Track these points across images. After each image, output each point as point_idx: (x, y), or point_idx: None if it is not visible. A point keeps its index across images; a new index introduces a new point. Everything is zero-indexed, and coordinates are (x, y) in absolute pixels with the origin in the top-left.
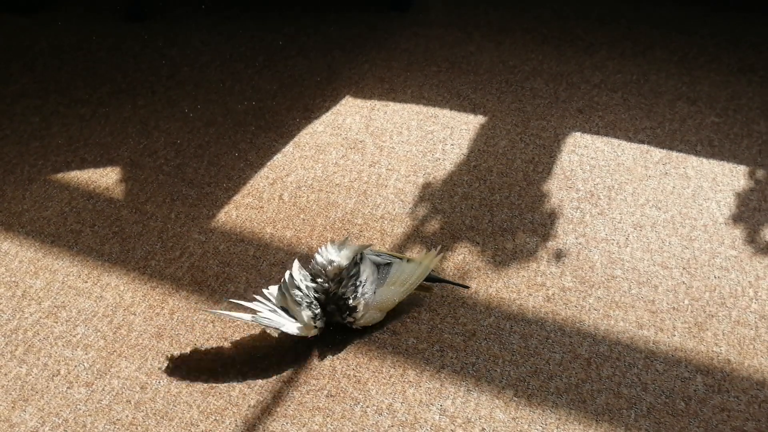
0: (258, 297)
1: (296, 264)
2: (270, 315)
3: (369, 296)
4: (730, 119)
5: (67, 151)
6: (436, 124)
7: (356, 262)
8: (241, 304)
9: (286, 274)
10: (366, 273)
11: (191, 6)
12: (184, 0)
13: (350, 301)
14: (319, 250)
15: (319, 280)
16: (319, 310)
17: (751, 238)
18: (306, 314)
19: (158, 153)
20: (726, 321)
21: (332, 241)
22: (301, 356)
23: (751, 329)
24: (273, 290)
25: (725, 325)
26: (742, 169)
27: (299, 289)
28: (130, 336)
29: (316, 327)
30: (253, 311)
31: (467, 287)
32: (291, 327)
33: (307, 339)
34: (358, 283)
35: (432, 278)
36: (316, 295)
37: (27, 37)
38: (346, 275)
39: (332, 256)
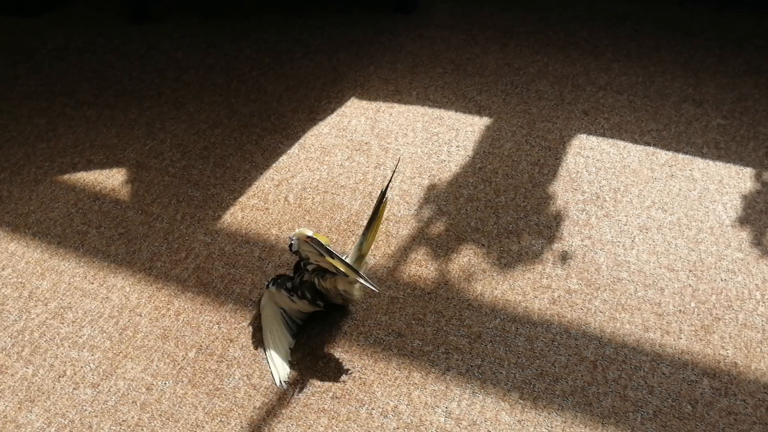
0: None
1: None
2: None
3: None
4: (736, 121)
5: (74, 153)
6: (441, 126)
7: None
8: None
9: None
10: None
11: (197, 8)
12: (190, 2)
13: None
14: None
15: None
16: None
17: (758, 241)
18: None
19: (164, 154)
20: (733, 324)
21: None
22: (307, 358)
23: (758, 332)
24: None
25: (732, 328)
26: (748, 172)
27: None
28: (136, 337)
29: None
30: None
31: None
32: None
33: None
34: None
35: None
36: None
37: (33, 40)
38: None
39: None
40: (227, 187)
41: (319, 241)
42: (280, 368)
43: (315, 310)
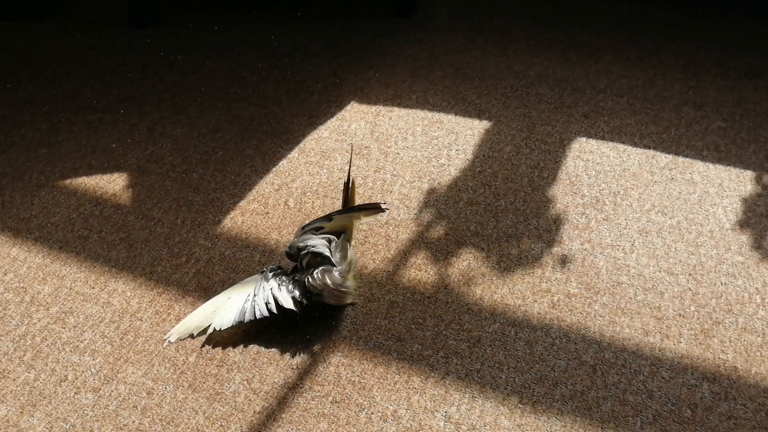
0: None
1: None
2: None
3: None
4: (736, 124)
5: (75, 158)
6: (441, 130)
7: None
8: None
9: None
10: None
11: (197, 13)
12: (190, 8)
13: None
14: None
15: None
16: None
17: (758, 244)
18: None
19: (165, 159)
20: (733, 328)
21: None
22: (306, 362)
23: (758, 336)
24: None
25: (732, 332)
26: (748, 175)
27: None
28: (137, 342)
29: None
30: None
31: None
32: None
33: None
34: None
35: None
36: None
37: (35, 45)
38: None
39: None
40: (227, 192)
41: (307, 223)
42: (182, 329)
43: (289, 310)
